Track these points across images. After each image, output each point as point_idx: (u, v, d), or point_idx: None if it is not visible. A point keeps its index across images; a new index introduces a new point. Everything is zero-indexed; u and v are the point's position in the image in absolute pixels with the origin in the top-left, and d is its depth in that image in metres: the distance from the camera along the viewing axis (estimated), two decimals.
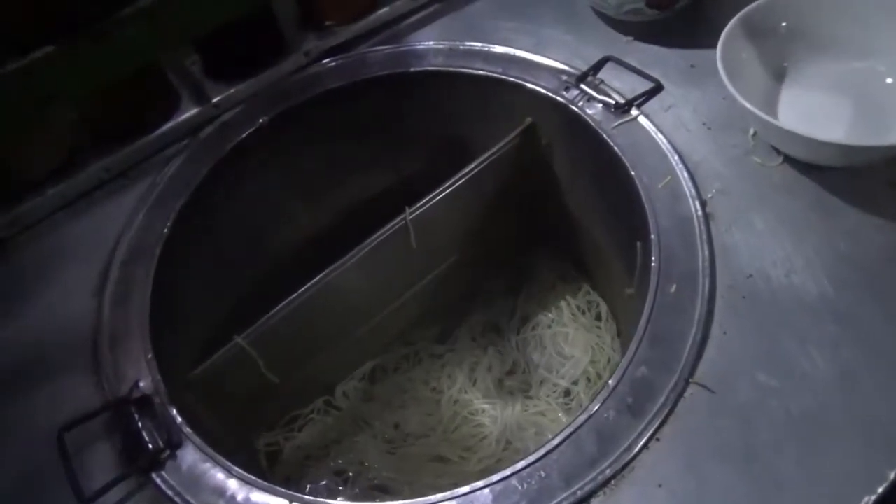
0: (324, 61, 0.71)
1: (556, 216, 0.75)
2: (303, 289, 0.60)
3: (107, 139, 0.64)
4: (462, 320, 0.82)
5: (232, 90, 0.67)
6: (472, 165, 0.65)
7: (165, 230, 0.58)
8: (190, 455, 0.46)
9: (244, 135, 0.65)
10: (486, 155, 0.65)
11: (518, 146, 0.67)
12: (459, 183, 0.66)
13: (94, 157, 0.63)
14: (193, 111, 0.66)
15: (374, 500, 0.69)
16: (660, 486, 0.41)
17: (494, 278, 0.85)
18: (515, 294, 0.83)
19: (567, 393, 0.74)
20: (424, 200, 0.64)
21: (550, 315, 0.80)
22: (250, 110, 0.67)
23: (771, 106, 0.57)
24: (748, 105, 0.50)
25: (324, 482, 0.71)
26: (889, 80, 0.55)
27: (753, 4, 0.55)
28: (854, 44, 0.56)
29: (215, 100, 0.66)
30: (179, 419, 0.47)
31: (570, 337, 0.77)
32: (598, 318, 0.79)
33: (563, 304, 0.81)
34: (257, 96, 0.68)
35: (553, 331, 0.79)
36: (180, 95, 0.67)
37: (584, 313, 0.80)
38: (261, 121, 0.66)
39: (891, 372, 0.43)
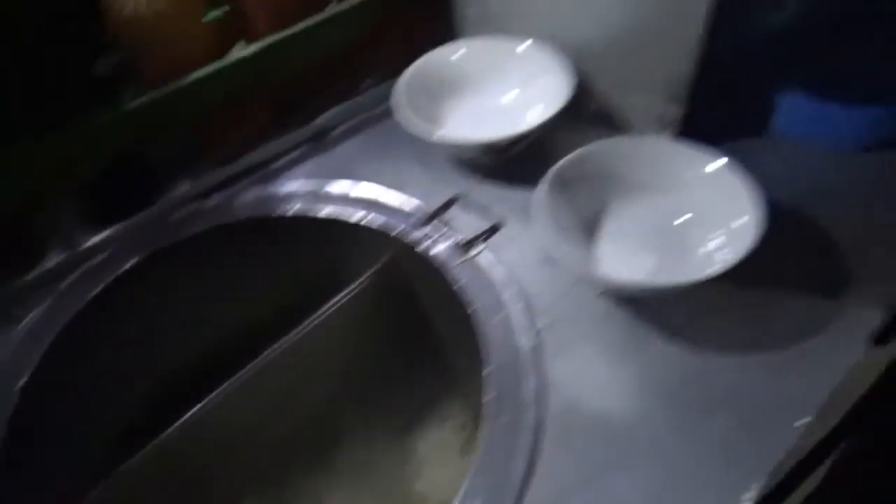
0: (197, 202, 0.74)
1: (425, 348, 0.79)
2: (170, 428, 0.61)
3: None
4: (347, 455, 0.80)
5: (102, 236, 0.70)
6: (335, 298, 0.70)
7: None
8: None
9: (111, 279, 0.67)
10: (347, 290, 0.70)
11: (379, 281, 0.72)
12: (329, 314, 0.69)
13: None
14: (60, 258, 0.68)
15: None
16: None
17: (384, 408, 0.82)
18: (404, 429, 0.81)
19: None
20: (293, 332, 0.67)
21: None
22: (120, 252, 0.69)
23: (590, 243, 0.63)
24: (557, 254, 0.57)
25: None
26: (677, 221, 0.62)
27: (564, 159, 0.62)
28: (650, 186, 0.64)
29: (84, 246, 0.69)
30: None
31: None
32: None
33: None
34: (127, 238, 0.71)
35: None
36: (46, 242, 0.69)
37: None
38: (130, 263, 0.68)
39: (691, 495, 0.47)
